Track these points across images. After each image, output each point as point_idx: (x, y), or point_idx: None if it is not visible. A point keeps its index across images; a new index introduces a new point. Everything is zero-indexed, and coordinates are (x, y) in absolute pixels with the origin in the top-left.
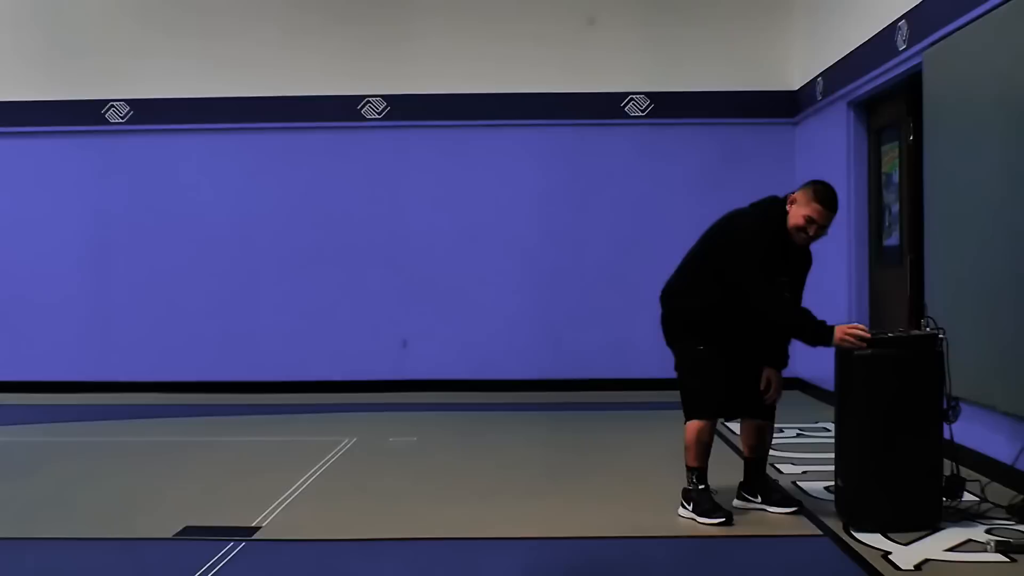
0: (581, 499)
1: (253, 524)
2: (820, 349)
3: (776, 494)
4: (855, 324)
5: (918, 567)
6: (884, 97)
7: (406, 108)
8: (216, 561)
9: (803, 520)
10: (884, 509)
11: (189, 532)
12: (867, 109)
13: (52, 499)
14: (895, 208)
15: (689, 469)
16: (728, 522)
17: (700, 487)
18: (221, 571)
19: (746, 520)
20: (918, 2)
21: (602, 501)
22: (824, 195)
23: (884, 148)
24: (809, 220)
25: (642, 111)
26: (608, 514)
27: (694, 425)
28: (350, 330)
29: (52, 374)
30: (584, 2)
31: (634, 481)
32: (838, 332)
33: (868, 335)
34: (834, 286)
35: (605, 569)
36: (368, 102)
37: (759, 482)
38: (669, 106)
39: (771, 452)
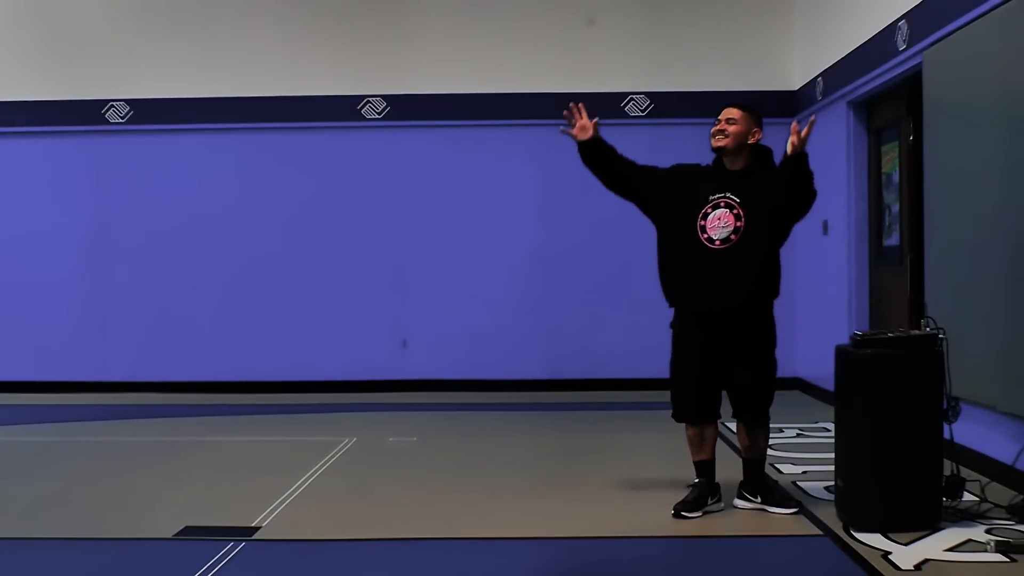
0: (581, 499)
1: (253, 524)
2: (821, 349)
3: (776, 494)
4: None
5: (918, 567)
6: (884, 97)
7: (406, 108)
8: (216, 561)
9: (803, 520)
10: (884, 509)
11: (189, 532)
12: (867, 109)
13: (52, 499)
14: (895, 208)
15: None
16: (677, 517)
17: (693, 481)
18: (221, 571)
19: (746, 520)
20: (918, 2)
21: (602, 501)
22: None
23: (884, 148)
24: (716, 121)
25: (642, 111)
26: (608, 514)
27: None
28: (350, 330)
29: (52, 374)
30: (584, 2)
31: (634, 481)
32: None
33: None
34: (834, 286)
35: (605, 569)
36: (368, 102)
37: (758, 482)
38: (669, 106)
39: (771, 452)
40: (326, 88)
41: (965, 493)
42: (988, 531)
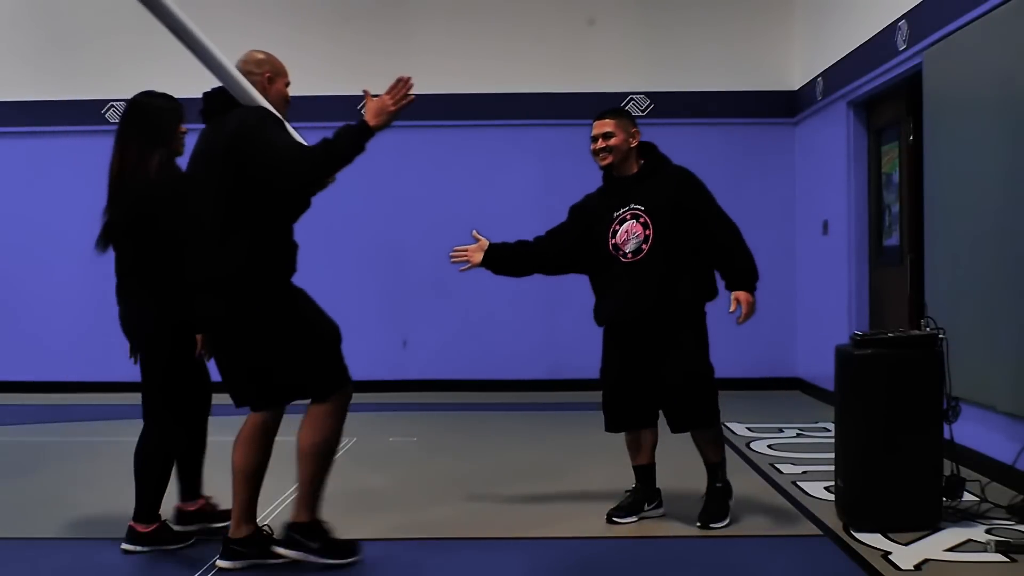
0: (582, 499)
1: None
2: (821, 349)
3: (718, 510)
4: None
5: (918, 567)
6: (884, 97)
7: (406, 108)
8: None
9: (803, 520)
10: (884, 509)
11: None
12: (867, 109)
13: (52, 499)
14: (895, 208)
15: None
16: (610, 523)
17: (632, 487)
18: (221, 571)
19: (746, 520)
20: (918, 2)
21: (603, 501)
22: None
23: (884, 148)
24: (592, 139)
25: (642, 111)
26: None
27: None
28: (350, 330)
29: (52, 374)
30: (584, 2)
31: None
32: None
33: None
34: (834, 286)
35: (605, 569)
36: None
37: (707, 493)
38: (669, 106)
39: (771, 452)
40: (326, 88)
41: (965, 493)
42: (988, 531)
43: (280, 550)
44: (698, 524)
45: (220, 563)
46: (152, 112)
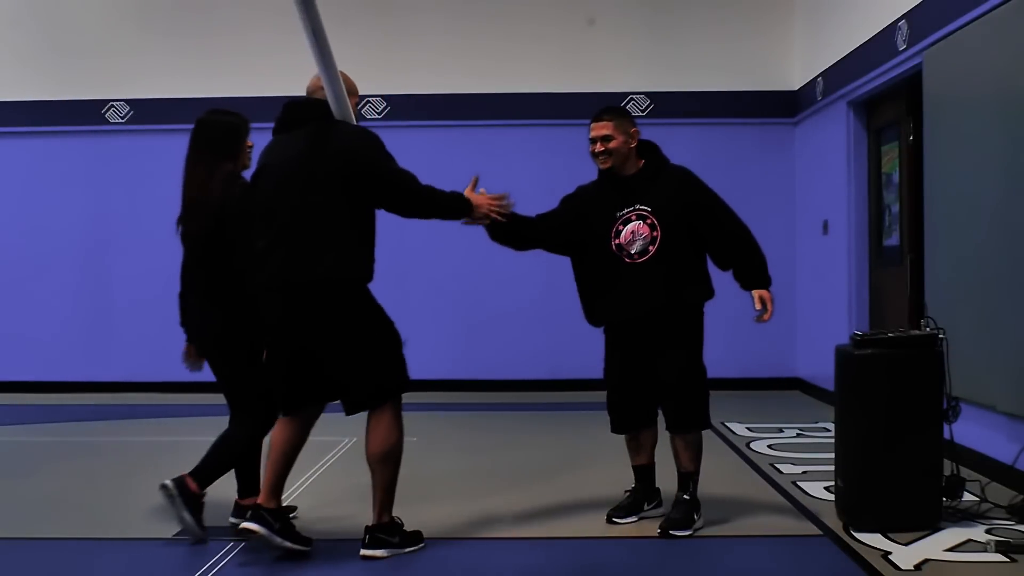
0: (581, 499)
1: None
2: (821, 349)
3: (683, 519)
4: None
5: (918, 567)
6: (884, 97)
7: (406, 108)
8: (216, 561)
9: (803, 520)
10: (884, 509)
11: None
12: (867, 109)
13: (52, 499)
14: (895, 208)
15: None
16: (609, 523)
17: (631, 487)
18: (221, 571)
19: (746, 520)
20: (918, 2)
21: (602, 501)
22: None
23: (884, 148)
24: (591, 141)
25: (642, 111)
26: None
27: None
28: None
29: (52, 374)
30: (584, 2)
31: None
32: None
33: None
34: (834, 286)
35: (605, 569)
36: (368, 102)
37: (679, 503)
38: (669, 106)
39: (771, 452)
40: None
41: (965, 493)
42: (988, 531)
43: (368, 552)
44: (658, 531)
45: (246, 524)
46: (221, 129)
